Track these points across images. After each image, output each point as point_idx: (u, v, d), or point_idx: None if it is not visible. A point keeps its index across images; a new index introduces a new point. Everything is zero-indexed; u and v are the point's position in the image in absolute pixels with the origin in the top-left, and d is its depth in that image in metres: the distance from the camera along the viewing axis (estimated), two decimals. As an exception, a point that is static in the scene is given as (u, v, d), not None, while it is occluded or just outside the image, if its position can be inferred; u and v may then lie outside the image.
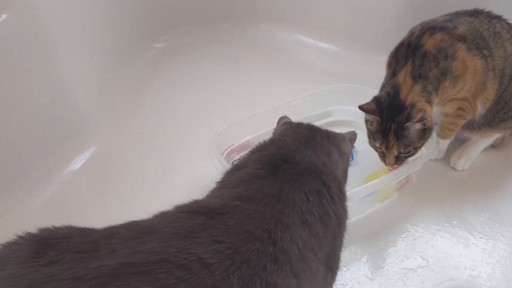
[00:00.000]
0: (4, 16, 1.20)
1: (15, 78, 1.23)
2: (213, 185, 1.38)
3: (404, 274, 1.12)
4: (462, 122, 1.34)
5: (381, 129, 1.17)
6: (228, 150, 1.36)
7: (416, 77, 1.16)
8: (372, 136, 1.21)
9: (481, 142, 1.41)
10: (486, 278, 1.11)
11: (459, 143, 1.45)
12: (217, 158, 1.21)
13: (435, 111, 1.42)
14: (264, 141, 0.97)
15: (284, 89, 1.68)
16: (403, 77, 1.17)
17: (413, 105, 1.14)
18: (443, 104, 1.27)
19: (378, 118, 1.16)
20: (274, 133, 1.04)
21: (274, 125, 1.05)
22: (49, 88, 1.35)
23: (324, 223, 0.77)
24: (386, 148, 1.19)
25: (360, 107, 1.18)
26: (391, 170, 1.30)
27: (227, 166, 1.21)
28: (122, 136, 1.51)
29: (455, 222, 1.24)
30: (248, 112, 1.38)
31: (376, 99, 1.18)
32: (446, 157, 1.41)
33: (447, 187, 1.35)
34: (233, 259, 0.62)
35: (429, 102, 1.16)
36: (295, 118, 1.47)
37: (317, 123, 1.49)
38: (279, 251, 0.66)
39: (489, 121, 1.34)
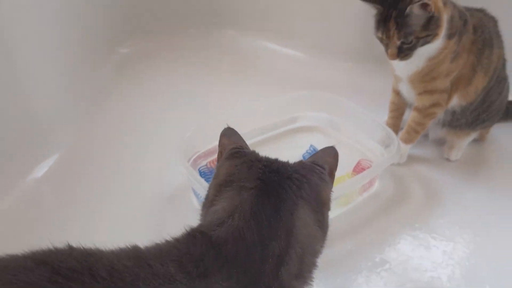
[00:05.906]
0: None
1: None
2: (180, 192, 1.37)
3: (367, 276, 1.14)
4: (429, 122, 1.38)
5: (382, 17, 1.16)
6: (195, 156, 1.36)
7: None
8: (375, 26, 1.19)
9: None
10: (446, 280, 1.15)
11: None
12: (182, 165, 1.21)
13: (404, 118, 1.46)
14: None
15: (251, 94, 1.69)
16: None
17: None
18: (420, 92, 1.31)
19: (379, 6, 1.15)
20: (216, 168, 0.79)
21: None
22: (9, 91, 1.30)
23: None
24: (387, 37, 1.17)
25: None
26: (355, 175, 1.32)
27: (194, 173, 1.20)
28: (87, 142, 1.49)
29: (416, 225, 1.27)
30: (215, 117, 1.38)
31: None
32: (407, 162, 1.45)
33: (409, 191, 1.38)
34: None
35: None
36: (261, 123, 1.49)
37: (283, 129, 1.54)
38: None
39: (472, 121, 1.39)
